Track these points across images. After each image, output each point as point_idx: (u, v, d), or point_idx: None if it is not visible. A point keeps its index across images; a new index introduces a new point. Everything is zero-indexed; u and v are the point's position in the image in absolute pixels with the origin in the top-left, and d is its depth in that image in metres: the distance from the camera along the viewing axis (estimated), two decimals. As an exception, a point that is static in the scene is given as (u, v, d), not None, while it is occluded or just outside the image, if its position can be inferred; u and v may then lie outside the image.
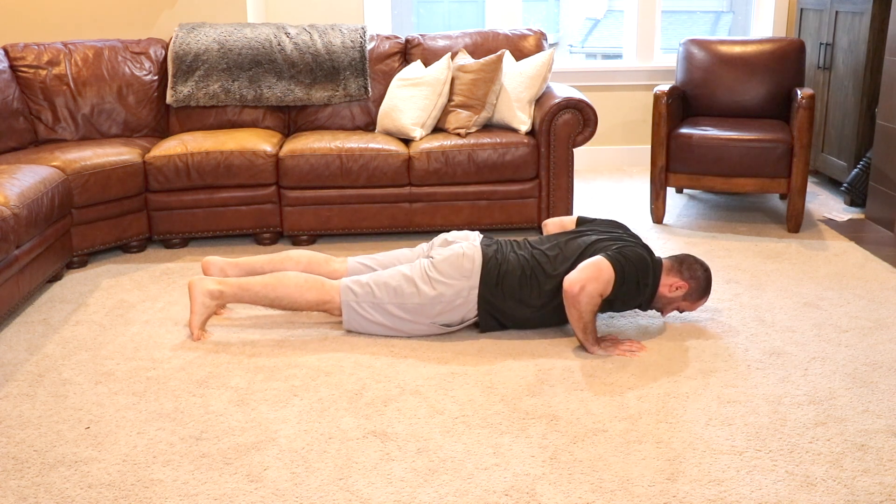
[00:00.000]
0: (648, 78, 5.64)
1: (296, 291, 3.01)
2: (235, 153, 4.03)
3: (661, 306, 3.08)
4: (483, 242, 3.06)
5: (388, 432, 2.43)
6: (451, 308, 2.97)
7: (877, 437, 2.37)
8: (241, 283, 3.06)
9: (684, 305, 3.09)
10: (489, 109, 4.29)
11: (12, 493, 2.17)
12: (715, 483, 2.17)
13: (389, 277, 3.00)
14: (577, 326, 2.88)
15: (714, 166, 4.28)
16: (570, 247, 3.02)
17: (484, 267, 2.96)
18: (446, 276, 2.96)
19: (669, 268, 3.05)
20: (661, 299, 3.05)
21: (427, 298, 2.95)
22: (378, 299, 2.99)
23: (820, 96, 5.05)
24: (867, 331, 3.08)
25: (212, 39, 4.49)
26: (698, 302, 3.09)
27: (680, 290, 3.03)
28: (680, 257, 3.10)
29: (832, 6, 4.89)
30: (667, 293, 3.03)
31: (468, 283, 2.95)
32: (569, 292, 2.83)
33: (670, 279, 3.03)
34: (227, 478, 2.22)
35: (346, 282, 3.03)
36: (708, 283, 3.07)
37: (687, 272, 3.04)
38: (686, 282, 3.03)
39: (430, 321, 3.00)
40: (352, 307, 3.00)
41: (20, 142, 4.20)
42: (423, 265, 3.00)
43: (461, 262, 2.97)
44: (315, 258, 3.25)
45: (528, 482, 2.18)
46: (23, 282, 3.27)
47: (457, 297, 2.96)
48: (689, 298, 3.06)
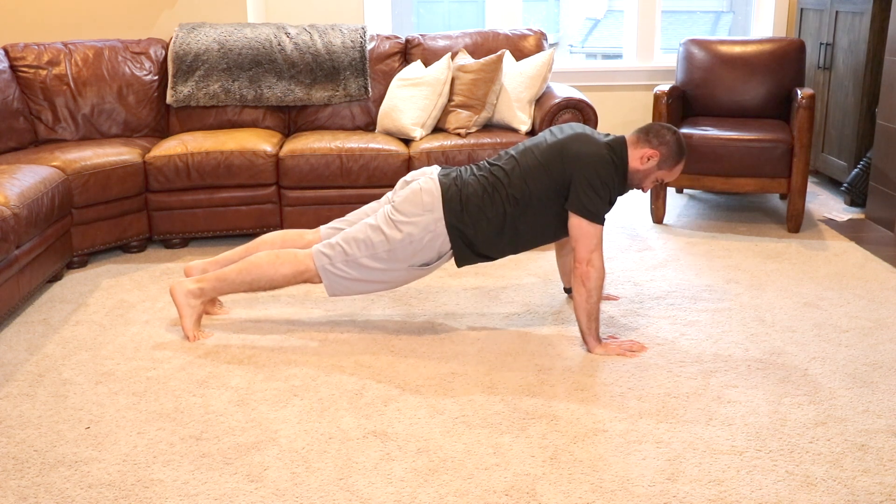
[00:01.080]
0: (648, 78, 5.64)
1: (270, 269, 2.99)
2: (235, 153, 4.03)
3: (638, 182, 2.99)
4: (440, 174, 3.01)
5: (388, 432, 2.43)
6: (423, 246, 2.93)
7: (877, 437, 2.37)
8: (218, 275, 3.05)
9: (661, 174, 2.99)
10: (489, 109, 4.29)
11: (12, 493, 2.17)
12: (715, 483, 2.17)
13: (357, 231, 2.97)
14: (584, 309, 2.86)
15: (714, 166, 4.28)
16: (526, 160, 2.95)
17: (444, 195, 2.91)
18: (409, 216, 2.92)
19: (636, 141, 2.96)
20: (635, 175, 2.96)
21: (396, 242, 2.92)
22: (351, 256, 2.95)
23: (820, 96, 5.06)
24: (867, 331, 3.08)
25: (212, 39, 4.49)
26: (675, 167, 3.00)
27: (652, 159, 2.94)
28: (644, 127, 2.99)
29: (832, 6, 4.89)
30: (639, 166, 2.94)
31: (432, 216, 2.91)
32: (580, 272, 2.83)
33: (639, 151, 2.93)
34: (228, 478, 2.22)
35: (317, 247, 3.00)
36: (679, 145, 2.97)
37: (655, 139, 2.94)
38: (656, 149, 2.93)
39: (406, 265, 2.96)
40: (328, 270, 2.97)
41: (20, 142, 4.20)
42: (386, 210, 2.97)
43: (420, 197, 2.93)
44: (288, 235, 3.23)
45: (529, 482, 2.18)
46: (23, 282, 3.27)
47: (425, 232, 2.91)
48: (664, 166, 2.96)
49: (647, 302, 3.38)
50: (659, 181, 3.04)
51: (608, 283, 3.55)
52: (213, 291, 3.05)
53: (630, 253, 3.99)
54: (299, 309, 3.35)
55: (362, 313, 3.31)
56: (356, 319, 3.24)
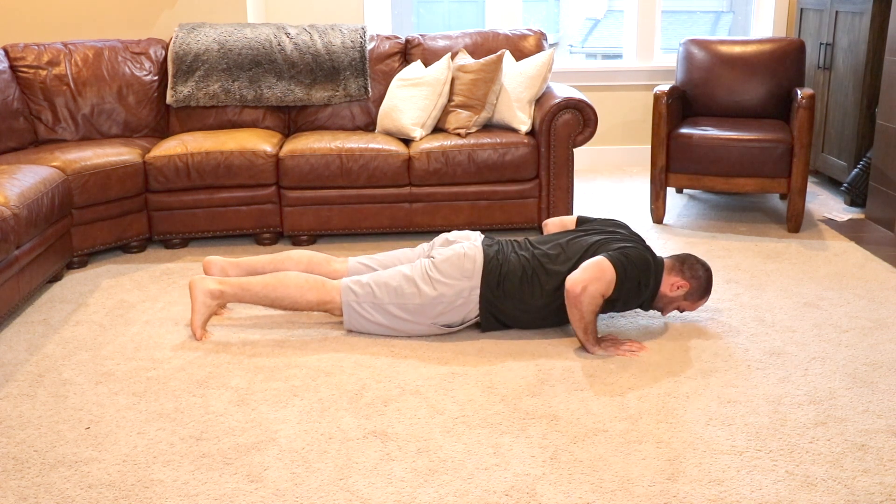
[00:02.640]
0: (648, 78, 5.64)
1: (296, 292, 3.01)
2: (235, 153, 4.03)
3: (661, 306, 3.08)
4: (484, 242, 3.06)
5: (388, 432, 2.43)
6: (452, 308, 2.97)
7: (877, 437, 2.37)
8: (242, 282, 3.06)
9: (685, 305, 3.09)
10: (489, 109, 4.29)
11: (12, 494, 2.17)
12: (715, 483, 2.17)
13: (390, 277, 3.00)
14: (578, 327, 2.88)
15: (714, 166, 4.28)
16: (571, 247, 3.02)
17: (485, 267, 2.96)
18: (447, 277, 2.96)
19: (671, 267, 3.05)
20: (662, 299, 3.05)
21: (428, 299, 2.95)
22: (378, 299, 2.99)
23: (820, 96, 5.05)
24: (867, 331, 3.08)
25: (212, 39, 4.49)
26: (699, 301, 3.09)
27: (681, 289, 3.03)
28: (681, 257, 3.10)
29: (832, 6, 4.89)
30: (668, 292, 3.03)
31: (469, 283, 2.95)
32: (571, 292, 2.83)
33: (672, 278, 3.03)
34: (228, 478, 2.22)
35: (347, 282, 3.03)
36: (709, 282, 3.08)
37: (688, 272, 3.04)
38: (687, 281, 3.03)
39: (430, 321, 3.00)
40: (352, 307, 3.00)
41: (20, 142, 4.20)
42: (424, 265, 3.00)
43: (462, 262, 2.97)
44: (315, 258, 3.25)
45: (529, 482, 2.18)
46: (23, 282, 3.27)
47: (458, 297, 2.96)
48: (689, 298, 3.06)
49: (647, 302, 3.38)
50: (680, 310, 3.13)
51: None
52: (234, 297, 3.07)
53: (630, 253, 3.98)
54: (299, 309, 3.35)
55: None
56: (356, 319, 3.24)
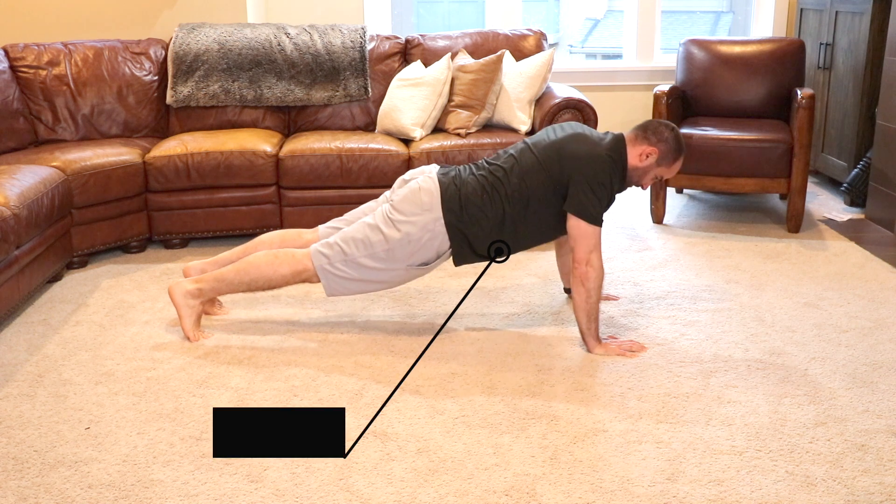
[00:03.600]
0: (648, 78, 5.64)
1: (268, 269, 2.99)
2: (235, 153, 4.03)
3: (637, 179, 3.00)
4: (439, 172, 3.01)
5: (388, 432, 2.43)
6: (421, 245, 2.93)
7: (877, 437, 2.37)
8: (216, 275, 3.05)
9: (661, 171, 3.00)
10: (489, 110, 4.29)
11: (12, 494, 2.17)
12: (715, 483, 2.17)
13: (355, 231, 2.97)
14: (583, 309, 2.86)
15: (714, 166, 4.28)
16: (525, 158, 2.95)
17: (443, 195, 2.91)
18: (408, 215, 2.92)
19: (634, 138, 2.97)
20: (634, 172, 2.97)
21: (394, 242, 2.91)
22: (349, 255, 2.95)
23: (820, 96, 5.05)
24: (867, 331, 3.08)
25: (212, 40, 4.49)
26: (674, 164, 3.01)
27: (651, 156, 2.95)
28: (643, 124, 3.00)
29: (832, 6, 4.89)
30: (638, 164, 2.95)
31: (431, 215, 2.91)
32: (580, 273, 2.83)
33: (638, 148, 2.94)
34: (228, 478, 2.22)
35: (315, 246, 3.00)
36: (678, 141, 2.98)
37: (653, 136, 2.95)
38: (654, 146, 2.94)
39: (405, 264, 2.96)
40: (326, 270, 2.97)
41: (20, 142, 4.20)
42: (385, 210, 2.97)
43: (419, 196, 2.93)
44: (287, 235, 3.22)
45: (529, 482, 2.18)
46: (23, 282, 3.27)
47: (423, 232, 2.91)
48: (663, 163, 2.98)
49: (647, 302, 3.38)
50: (658, 178, 3.05)
51: (608, 282, 3.55)
52: (212, 292, 3.05)
53: (630, 253, 3.99)
54: (299, 309, 3.35)
55: (362, 314, 3.31)
56: (356, 320, 3.24)
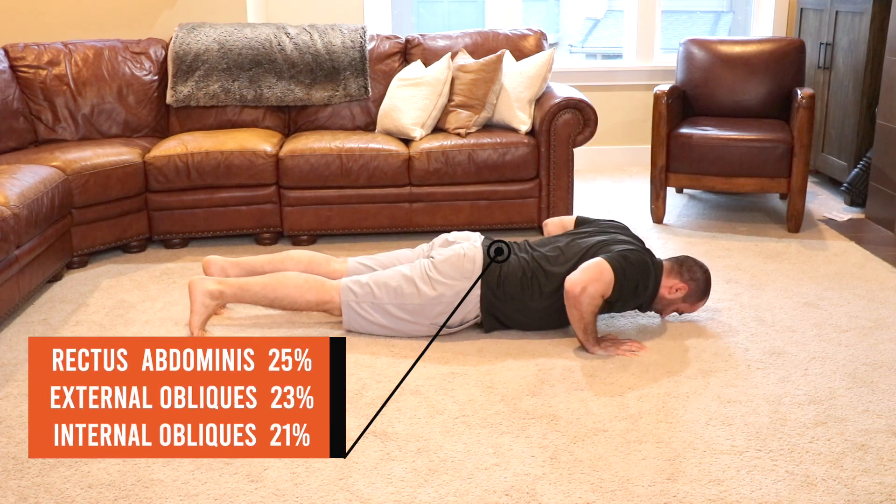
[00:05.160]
0: (648, 78, 5.64)
1: (296, 292, 3.01)
2: (235, 153, 4.03)
3: (660, 308, 3.09)
4: (484, 244, 3.06)
5: (388, 432, 2.43)
6: (451, 309, 2.97)
7: (877, 436, 2.37)
8: (241, 283, 3.06)
9: (683, 307, 3.09)
10: (489, 109, 4.29)
11: (13, 493, 2.17)
12: (715, 483, 2.17)
13: (389, 278, 3.00)
14: (578, 327, 2.88)
15: (714, 166, 4.28)
16: (570, 248, 3.02)
17: (484, 268, 2.96)
18: (447, 277, 2.96)
19: (669, 269, 3.05)
20: (660, 301, 3.05)
21: (427, 299, 2.95)
22: (378, 300, 2.99)
23: (820, 96, 5.05)
24: (867, 330, 3.08)
25: (212, 39, 4.49)
26: (697, 304, 3.10)
27: (679, 291, 3.03)
28: (680, 259, 3.10)
29: (832, 6, 4.89)
30: (666, 295, 3.03)
31: (469, 284, 2.95)
32: (570, 293, 2.83)
33: (670, 281, 3.03)
34: (228, 478, 2.22)
35: (346, 282, 3.03)
36: (707, 284, 3.08)
37: (687, 274, 3.04)
38: (686, 283, 3.03)
39: (430, 322, 3.00)
40: (352, 307, 3.00)
41: (20, 142, 4.20)
42: (424, 265, 3.00)
43: (462, 262, 2.97)
44: (315, 258, 3.25)
45: (529, 482, 2.18)
46: (23, 282, 3.27)
47: (457, 297, 2.95)
48: (688, 300, 3.07)
49: (647, 302, 3.38)
50: (678, 312, 3.12)
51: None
52: (233, 298, 3.07)
53: (630, 253, 3.98)
54: (299, 309, 3.35)
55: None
56: (356, 319, 3.24)
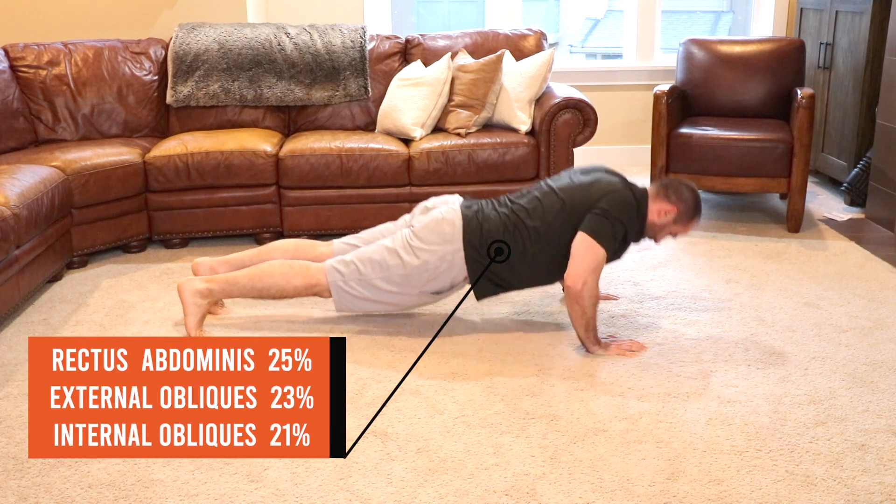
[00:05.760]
0: (648, 78, 5.64)
1: (282, 279, 3.01)
2: (235, 153, 4.03)
3: (653, 234, 3.04)
4: (462, 205, 3.04)
5: (388, 432, 2.43)
6: (438, 274, 2.95)
7: (877, 436, 2.37)
8: (228, 277, 3.07)
9: (676, 229, 3.04)
10: (489, 109, 4.29)
11: (13, 494, 2.17)
12: (715, 483, 2.17)
13: (373, 252, 2.99)
14: (580, 323, 2.87)
15: (714, 166, 4.28)
16: (548, 199, 2.98)
17: (465, 228, 2.94)
18: (428, 243, 2.94)
19: (655, 194, 3.00)
20: (651, 227, 3.01)
21: (412, 268, 2.94)
22: (364, 275, 2.97)
23: (820, 96, 5.05)
24: (867, 330, 3.08)
25: (212, 39, 4.49)
26: (690, 224, 3.05)
27: (669, 214, 2.99)
28: (664, 182, 3.06)
29: (832, 6, 4.89)
30: (656, 220, 2.99)
31: (451, 246, 2.93)
32: (572, 289, 2.82)
33: (658, 205, 2.98)
34: (228, 478, 2.22)
35: (331, 262, 3.02)
36: (696, 202, 3.03)
37: (674, 195, 2.99)
38: (674, 205, 2.98)
39: (419, 290, 2.98)
40: (339, 287, 2.99)
41: (20, 142, 4.20)
42: (405, 235, 2.99)
43: (441, 226, 2.95)
44: (301, 245, 3.24)
45: (529, 482, 2.19)
46: (23, 282, 3.27)
47: (441, 262, 2.94)
48: (679, 221, 3.01)
49: (647, 302, 3.38)
50: (672, 235, 3.09)
51: (608, 282, 3.55)
52: (222, 293, 3.06)
53: (630, 253, 3.97)
54: (299, 309, 3.35)
55: (362, 314, 3.30)
56: (356, 319, 3.24)
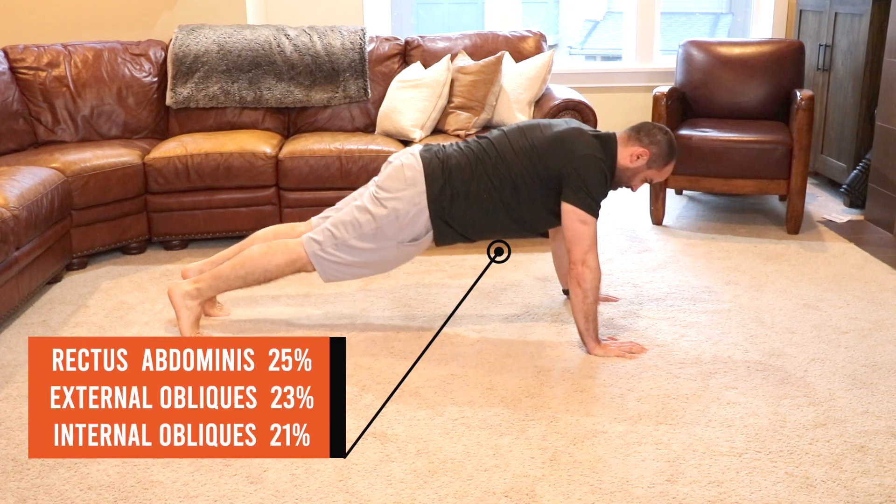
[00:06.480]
0: (648, 79, 5.64)
1: (263, 260, 3.01)
2: (235, 155, 4.03)
3: (626, 180, 2.99)
4: (422, 149, 3.04)
5: (387, 433, 2.43)
6: (409, 220, 2.94)
7: (876, 438, 2.37)
8: (213, 273, 3.07)
9: (651, 174, 3.00)
10: (489, 111, 4.29)
11: (12, 495, 2.17)
12: (714, 484, 2.17)
13: (343, 215, 3.00)
14: (580, 310, 2.86)
15: (713, 168, 4.29)
16: (516, 138, 2.96)
17: (426, 168, 2.93)
18: (393, 192, 2.94)
19: (626, 138, 2.97)
20: (624, 172, 2.96)
21: (382, 219, 2.93)
22: (339, 238, 2.97)
23: (819, 98, 5.06)
24: (866, 332, 3.08)
25: (211, 41, 4.49)
26: (665, 167, 3.00)
27: (642, 157, 2.94)
28: (637, 126, 3.00)
29: (831, 8, 4.90)
30: (629, 164, 2.94)
31: (416, 189, 2.92)
32: (575, 272, 2.83)
33: (629, 149, 2.94)
34: (227, 479, 2.22)
35: (307, 234, 3.03)
36: (670, 145, 2.98)
37: (646, 138, 2.95)
38: (646, 148, 2.94)
39: (395, 241, 2.97)
40: (319, 256, 2.99)
41: (20, 143, 4.20)
42: (370, 190, 3.00)
43: (402, 172, 2.95)
44: (280, 229, 3.25)
45: (528, 483, 2.19)
46: (22, 283, 3.27)
47: (410, 206, 2.92)
48: (654, 165, 2.97)
49: (647, 303, 3.38)
50: (648, 180, 3.04)
51: (608, 284, 3.55)
52: (210, 290, 3.06)
53: (629, 254, 3.99)
54: (298, 310, 3.35)
55: (362, 315, 3.31)
56: (355, 321, 3.24)
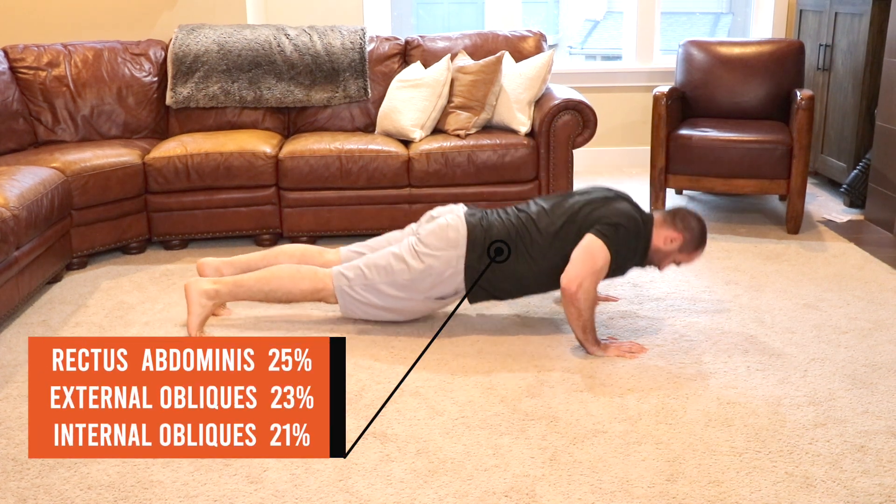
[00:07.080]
0: (648, 79, 5.64)
1: (289, 282, 3.03)
2: (235, 154, 4.03)
3: (657, 261, 3.05)
4: (466, 213, 3.07)
5: (387, 433, 2.43)
6: (442, 280, 2.97)
7: (876, 438, 2.37)
8: (236, 280, 3.08)
9: (681, 258, 3.06)
10: (489, 111, 4.29)
11: (12, 495, 2.17)
12: (714, 484, 2.17)
13: (379, 258, 3.02)
14: (577, 325, 2.88)
15: (713, 167, 4.28)
16: (556, 210, 3.00)
17: (470, 234, 2.96)
18: (433, 249, 2.96)
19: (662, 221, 3.02)
20: (656, 254, 3.02)
21: (417, 272, 2.96)
22: (370, 280, 3.00)
23: (819, 98, 5.06)
24: (867, 332, 3.08)
25: (211, 41, 4.49)
26: (694, 253, 3.06)
27: (675, 242, 3.00)
28: (672, 210, 3.08)
29: (831, 7, 4.90)
30: (662, 246, 3.00)
31: (456, 252, 2.96)
32: (567, 290, 2.83)
33: (664, 232, 3.00)
34: (227, 479, 2.22)
35: (338, 268, 3.06)
36: (703, 233, 3.04)
37: (681, 223, 3.01)
38: (680, 233, 3.00)
39: (423, 296, 3.01)
40: (345, 292, 3.02)
41: (20, 143, 4.20)
42: (411, 241, 3.02)
43: (446, 232, 2.98)
44: (308, 251, 3.27)
45: (528, 483, 2.19)
46: (22, 283, 3.27)
47: (446, 267, 2.96)
48: (684, 250, 3.03)
49: (647, 303, 3.38)
50: (677, 263, 3.10)
51: (608, 283, 3.55)
52: (229, 296, 3.07)
53: (629, 254, 3.99)
54: (299, 310, 3.35)
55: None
56: (356, 320, 3.24)
